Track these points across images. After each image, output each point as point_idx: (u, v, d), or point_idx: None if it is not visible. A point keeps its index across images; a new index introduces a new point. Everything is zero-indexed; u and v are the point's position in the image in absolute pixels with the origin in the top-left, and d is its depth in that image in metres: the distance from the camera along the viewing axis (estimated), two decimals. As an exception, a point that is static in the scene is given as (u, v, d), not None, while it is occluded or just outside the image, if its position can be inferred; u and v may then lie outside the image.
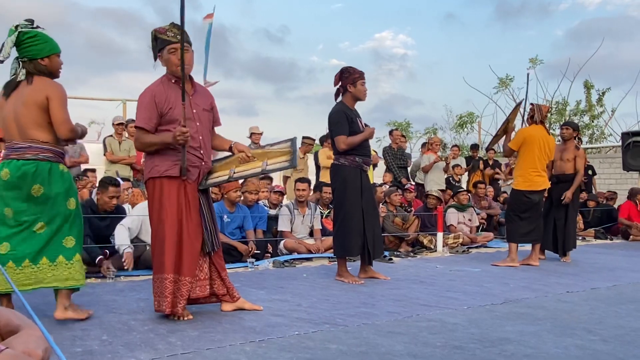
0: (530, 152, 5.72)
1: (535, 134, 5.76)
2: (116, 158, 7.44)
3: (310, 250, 6.02)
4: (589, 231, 9.23)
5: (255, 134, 8.34)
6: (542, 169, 5.80)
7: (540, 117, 5.84)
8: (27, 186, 2.91)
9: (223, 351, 2.52)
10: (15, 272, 2.89)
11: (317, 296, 3.88)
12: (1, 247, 2.91)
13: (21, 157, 2.92)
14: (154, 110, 3.07)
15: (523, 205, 5.79)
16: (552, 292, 4.21)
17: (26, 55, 2.94)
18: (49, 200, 2.95)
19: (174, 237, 3.06)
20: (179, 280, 3.06)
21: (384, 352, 2.54)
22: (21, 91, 2.93)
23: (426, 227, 7.21)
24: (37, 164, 2.92)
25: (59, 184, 2.98)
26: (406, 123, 20.66)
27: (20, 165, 2.90)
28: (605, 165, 13.21)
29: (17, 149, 2.94)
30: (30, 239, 2.93)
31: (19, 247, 2.91)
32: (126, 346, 2.57)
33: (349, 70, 4.58)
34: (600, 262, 6.19)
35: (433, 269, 5.39)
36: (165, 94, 3.09)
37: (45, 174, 2.94)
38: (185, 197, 3.10)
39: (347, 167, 4.52)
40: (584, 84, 18.11)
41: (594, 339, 2.85)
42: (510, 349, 2.62)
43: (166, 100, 3.08)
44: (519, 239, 5.82)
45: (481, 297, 3.94)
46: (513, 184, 6.02)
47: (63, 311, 2.96)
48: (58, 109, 2.91)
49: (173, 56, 3.08)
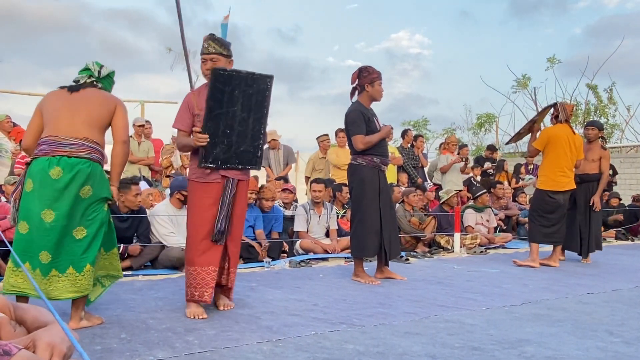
0: (555, 152, 5.64)
1: (560, 134, 5.67)
2: (135, 159, 7.52)
3: (327, 250, 6.02)
4: (609, 232, 9.08)
5: (274, 140, 8.14)
6: (569, 169, 5.71)
7: (565, 116, 5.75)
8: (78, 187, 2.80)
9: (240, 350, 2.52)
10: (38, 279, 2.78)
11: (334, 296, 3.88)
12: (42, 256, 2.76)
13: (73, 154, 2.82)
14: (187, 112, 3.33)
15: (547, 206, 5.71)
16: (572, 293, 4.15)
17: (103, 82, 3.14)
18: (93, 204, 2.87)
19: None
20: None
21: (401, 352, 2.52)
22: (91, 93, 3.02)
23: (443, 228, 7.16)
24: (90, 163, 2.86)
25: (106, 188, 2.94)
26: (424, 121, 20.41)
27: (73, 163, 2.80)
28: (626, 165, 12.97)
29: (65, 144, 2.83)
30: (71, 246, 2.81)
31: (61, 255, 2.79)
32: (145, 344, 2.59)
33: (368, 70, 4.56)
34: (621, 264, 6.09)
35: (450, 270, 5.35)
36: (201, 98, 3.27)
37: (98, 175, 2.89)
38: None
39: (365, 167, 4.51)
40: (587, 85, 17.74)
41: (616, 340, 2.80)
42: (530, 351, 2.58)
43: (199, 104, 3.26)
44: (540, 239, 5.74)
45: (500, 298, 3.90)
46: (537, 183, 5.94)
47: (77, 322, 2.87)
48: (124, 117, 3.08)
49: (203, 66, 3.34)
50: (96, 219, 2.89)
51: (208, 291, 3.22)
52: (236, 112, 3.18)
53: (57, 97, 3.00)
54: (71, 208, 2.79)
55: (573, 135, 5.75)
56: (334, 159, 7.79)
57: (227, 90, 3.13)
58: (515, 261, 5.71)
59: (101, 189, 2.91)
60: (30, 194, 2.80)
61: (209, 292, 3.22)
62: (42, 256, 2.76)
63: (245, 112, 3.21)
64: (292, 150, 8.36)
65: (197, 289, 3.21)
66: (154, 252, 5.03)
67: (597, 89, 17.58)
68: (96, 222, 2.89)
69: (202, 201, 3.27)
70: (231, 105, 3.16)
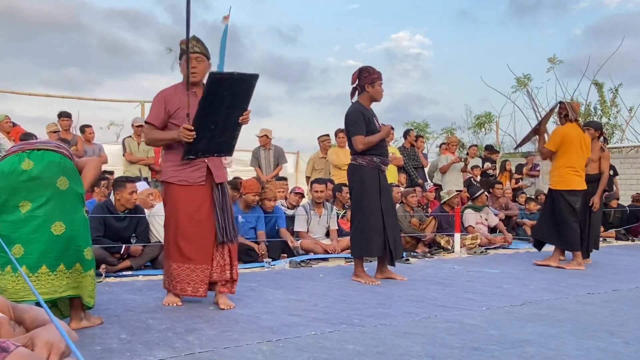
0: (568, 151, 5.59)
1: (572, 132, 5.63)
2: (135, 158, 7.52)
3: (327, 250, 6.02)
4: (610, 232, 9.08)
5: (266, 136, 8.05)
6: (581, 168, 5.67)
7: (574, 114, 5.73)
8: (53, 177, 2.73)
9: (240, 350, 2.52)
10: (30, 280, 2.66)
11: (334, 296, 3.87)
12: (14, 249, 2.65)
13: (41, 148, 2.78)
14: (162, 109, 3.43)
15: (564, 208, 5.61)
16: (572, 293, 4.15)
17: None
18: (71, 198, 2.79)
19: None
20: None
21: (401, 352, 2.52)
22: None
23: (443, 228, 7.16)
24: (60, 156, 2.81)
25: (80, 185, 2.88)
26: (424, 124, 20.44)
27: (41, 154, 2.75)
28: (626, 166, 12.97)
29: (33, 142, 2.87)
30: (48, 241, 2.70)
31: (35, 250, 2.67)
32: (145, 345, 2.59)
33: (368, 70, 4.56)
34: (621, 264, 6.08)
35: (450, 270, 5.35)
36: (176, 96, 3.43)
37: (70, 169, 2.83)
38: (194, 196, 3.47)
39: (365, 168, 4.50)
40: (592, 82, 17.68)
41: (616, 341, 2.80)
42: (530, 351, 2.58)
43: (176, 102, 3.41)
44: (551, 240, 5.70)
45: (500, 298, 3.89)
46: (551, 184, 5.81)
47: (78, 322, 2.86)
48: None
49: (190, 64, 3.40)
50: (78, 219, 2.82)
51: (203, 287, 3.43)
52: (222, 108, 3.30)
53: None
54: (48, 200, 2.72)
55: (583, 133, 5.72)
56: (334, 159, 7.79)
57: (220, 92, 3.23)
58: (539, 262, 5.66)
59: (78, 185, 2.85)
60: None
61: (203, 287, 3.43)
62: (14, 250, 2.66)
63: (230, 109, 3.33)
64: (282, 151, 8.24)
65: (191, 285, 3.42)
66: (154, 252, 5.02)
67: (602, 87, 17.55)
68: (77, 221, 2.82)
69: (186, 204, 3.42)
70: (220, 104, 3.27)
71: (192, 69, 3.41)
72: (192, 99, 3.35)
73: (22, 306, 1.29)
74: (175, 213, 3.45)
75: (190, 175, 3.43)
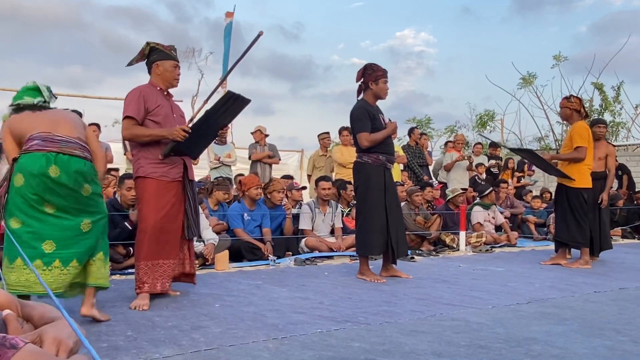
0: (588, 148, 5.52)
1: (588, 128, 5.60)
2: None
3: (332, 248, 6.01)
4: (616, 230, 9.03)
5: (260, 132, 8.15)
6: (591, 165, 5.63)
7: (584, 110, 5.68)
8: (79, 186, 2.83)
9: (246, 348, 2.52)
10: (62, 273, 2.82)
11: (339, 294, 3.87)
12: (45, 245, 2.77)
13: (70, 152, 2.84)
14: (142, 104, 3.49)
15: (583, 204, 5.53)
16: (579, 292, 4.13)
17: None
18: (93, 200, 2.93)
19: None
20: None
21: (407, 350, 2.52)
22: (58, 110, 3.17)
23: (448, 226, 7.14)
24: (84, 162, 2.89)
25: (99, 184, 2.99)
26: (427, 119, 20.39)
27: (67, 161, 2.81)
28: (632, 164, 12.91)
29: (59, 141, 2.84)
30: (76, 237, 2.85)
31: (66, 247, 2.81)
32: (151, 342, 2.59)
33: (372, 67, 4.55)
34: (628, 262, 6.05)
35: (456, 268, 5.33)
36: (153, 95, 3.56)
37: (92, 173, 2.93)
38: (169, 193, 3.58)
39: (371, 165, 4.49)
40: (592, 84, 17.56)
41: (623, 339, 2.78)
42: (537, 349, 2.57)
43: (153, 100, 3.53)
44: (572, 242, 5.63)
45: (506, 296, 3.88)
46: (569, 182, 5.63)
47: (89, 308, 2.91)
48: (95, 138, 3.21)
49: (174, 71, 3.63)
50: (101, 214, 3.01)
51: (169, 281, 3.57)
52: (218, 121, 3.63)
53: (27, 116, 2.98)
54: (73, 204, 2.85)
55: (589, 129, 5.69)
56: (338, 157, 7.78)
57: (225, 107, 3.52)
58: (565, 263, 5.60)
59: (98, 185, 2.99)
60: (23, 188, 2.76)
61: (169, 282, 3.57)
62: (45, 245, 2.78)
63: (219, 121, 3.65)
64: (276, 149, 8.39)
65: (159, 280, 3.48)
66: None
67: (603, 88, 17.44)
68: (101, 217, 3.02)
69: (162, 198, 3.49)
70: (218, 117, 3.58)
71: (178, 77, 3.68)
72: (167, 101, 3.62)
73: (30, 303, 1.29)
74: (154, 208, 3.46)
75: (169, 172, 3.54)
